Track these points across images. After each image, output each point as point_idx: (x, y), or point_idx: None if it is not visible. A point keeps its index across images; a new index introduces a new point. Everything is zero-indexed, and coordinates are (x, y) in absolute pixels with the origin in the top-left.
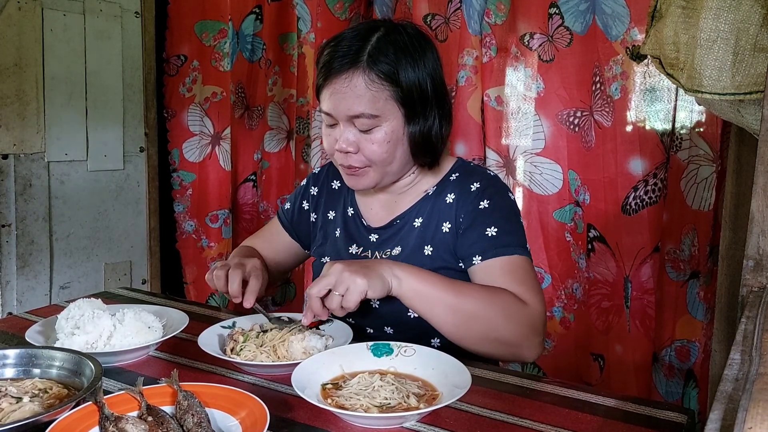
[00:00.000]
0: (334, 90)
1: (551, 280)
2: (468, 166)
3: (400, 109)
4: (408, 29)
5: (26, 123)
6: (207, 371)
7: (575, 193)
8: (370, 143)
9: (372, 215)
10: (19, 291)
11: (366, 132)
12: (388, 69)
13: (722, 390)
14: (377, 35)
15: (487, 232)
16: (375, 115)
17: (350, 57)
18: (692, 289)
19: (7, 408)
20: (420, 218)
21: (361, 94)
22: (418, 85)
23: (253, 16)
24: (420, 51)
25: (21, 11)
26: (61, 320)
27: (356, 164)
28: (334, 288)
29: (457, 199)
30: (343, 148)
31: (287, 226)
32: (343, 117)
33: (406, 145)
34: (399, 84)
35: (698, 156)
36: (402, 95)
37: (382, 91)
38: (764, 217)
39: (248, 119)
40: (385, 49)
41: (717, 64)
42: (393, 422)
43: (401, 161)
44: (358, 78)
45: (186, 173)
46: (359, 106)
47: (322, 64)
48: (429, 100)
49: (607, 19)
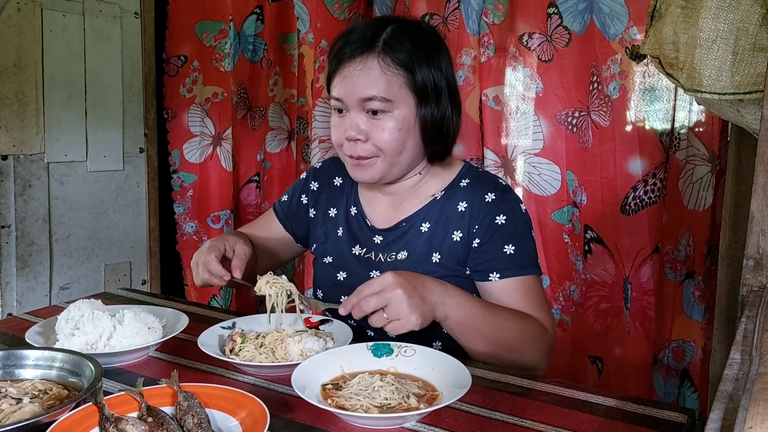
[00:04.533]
0: (347, 74)
1: (549, 282)
2: (477, 172)
3: (413, 98)
4: (424, 26)
5: (26, 124)
6: (207, 372)
7: (573, 193)
8: (381, 130)
9: (376, 216)
10: (18, 292)
11: (377, 119)
12: (404, 57)
13: (722, 390)
14: (392, 26)
15: (506, 250)
16: (388, 99)
17: (365, 42)
18: (687, 289)
19: (7, 409)
20: (427, 223)
21: (377, 77)
22: (433, 80)
23: (254, 17)
24: (436, 48)
25: (20, 12)
26: (61, 321)
27: (364, 154)
28: (387, 311)
29: (470, 208)
30: (352, 135)
31: (282, 218)
32: (354, 102)
33: (417, 135)
34: (414, 73)
35: (694, 156)
36: (416, 84)
37: (397, 76)
38: (764, 216)
39: (250, 120)
40: (401, 39)
41: (716, 63)
42: (393, 422)
43: (411, 153)
44: (373, 61)
45: (186, 174)
46: (373, 88)
47: (334, 53)
48: (442, 93)
49: (605, 18)
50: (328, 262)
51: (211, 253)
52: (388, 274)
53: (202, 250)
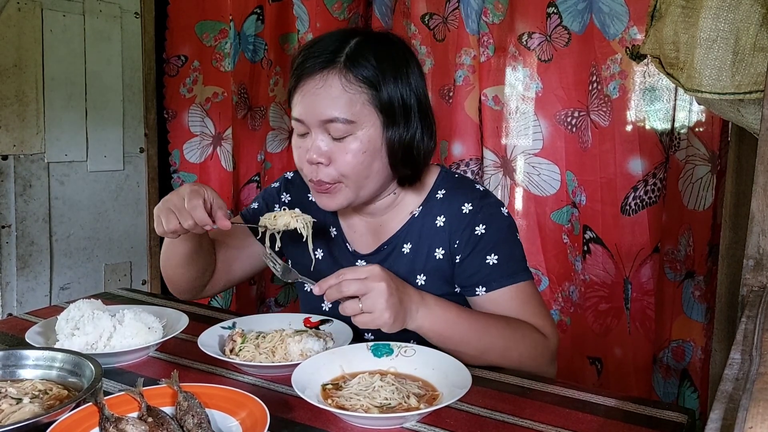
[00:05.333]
0: (307, 91)
1: (549, 283)
2: (453, 179)
3: (378, 116)
4: (390, 38)
5: (26, 124)
6: (207, 372)
7: (572, 194)
8: (344, 153)
9: (357, 239)
10: (19, 292)
11: (340, 141)
12: (367, 72)
13: (722, 390)
14: (357, 39)
15: (488, 261)
16: (350, 121)
17: (326, 56)
18: (687, 288)
19: (8, 409)
20: (409, 243)
21: (337, 96)
22: (400, 96)
23: (255, 17)
24: (403, 61)
25: (21, 12)
26: (61, 321)
27: (327, 179)
28: (363, 301)
29: (448, 223)
30: (313, 158)
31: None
32: (314, 122)
33: (384, 157)
34: (379, 89)
35: (694, 156)
36: (382, 101)
37: (360, 94)
38: (764, 216)
39: (251, 120)
40: (365, 53)
41: (717, 63)
42: (393, 422)
43: (379, 177)
44: (334, 78)
45: (187, 174)
46: (333, 109)
47: (296, 66)
48: (411, 111)
49: (604, 17)
50: (310, 289)
51: (196, 198)
52: (375, 265)
53: (181, 194)
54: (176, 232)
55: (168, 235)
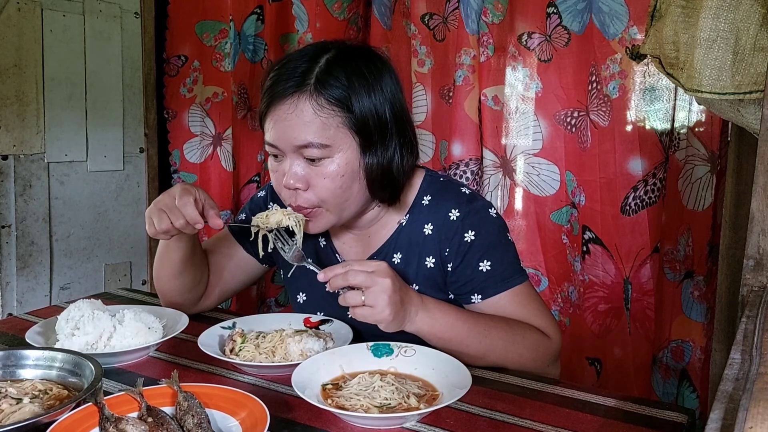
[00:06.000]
0: (279, 117)
1: (548, 284)
2: (438, 183)
3: (354, 138)
4: (363, 51)
5: (26, 124)
6: (207, 372)
7: (571, 194)
8: (321, 178)
9: (347, 250)
10: (19, 292)
11: (316, 164)
12: (339, 93)
13: (723, 390)
14: (326, 57)
15: (481, 268)
16: (325, 145)
17: (295, 80)
18: (686, 288)
19: (8, 409)
20: (399, 253)
21: (309, 121)
22: (375, 113)
23: (255, 17)
24: (376, 75)
25: (20, 12)
26: (61, 321)
27: (306, 204)
28: (366, 294)
29: (437, 231)
30: (290, 184)
31: (240, 239)
32: (289, 148)
33: (363, 179)
34: (352, 110)
35: (694, 156)
36: (356, 122)
37: (333, 117)
38: (764, 216)
39: (251, 120)
40: (335, 72)
41: (717, 63)
42: (393, 423)
43: (359, 198)
44: (305, 103)
45: (187, 174)
46: (307, 134)
47: (266, 88)
48: (388, 128)
49: (604, 17)
50: (303, 301)
51: (187, 196)
52: (382, 261)
53: (171, 193)
54: (168, 232)
55: (160, 236)
